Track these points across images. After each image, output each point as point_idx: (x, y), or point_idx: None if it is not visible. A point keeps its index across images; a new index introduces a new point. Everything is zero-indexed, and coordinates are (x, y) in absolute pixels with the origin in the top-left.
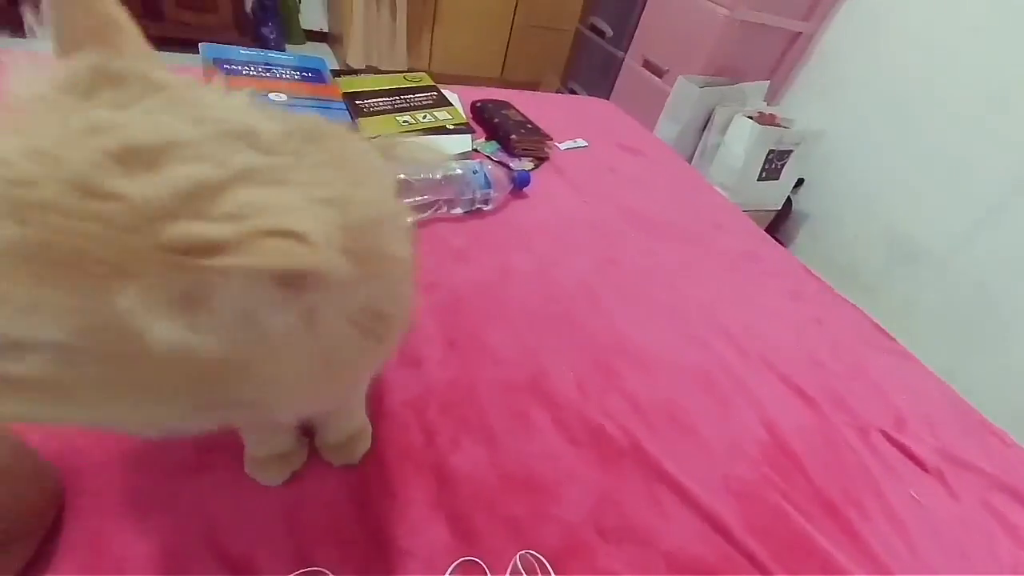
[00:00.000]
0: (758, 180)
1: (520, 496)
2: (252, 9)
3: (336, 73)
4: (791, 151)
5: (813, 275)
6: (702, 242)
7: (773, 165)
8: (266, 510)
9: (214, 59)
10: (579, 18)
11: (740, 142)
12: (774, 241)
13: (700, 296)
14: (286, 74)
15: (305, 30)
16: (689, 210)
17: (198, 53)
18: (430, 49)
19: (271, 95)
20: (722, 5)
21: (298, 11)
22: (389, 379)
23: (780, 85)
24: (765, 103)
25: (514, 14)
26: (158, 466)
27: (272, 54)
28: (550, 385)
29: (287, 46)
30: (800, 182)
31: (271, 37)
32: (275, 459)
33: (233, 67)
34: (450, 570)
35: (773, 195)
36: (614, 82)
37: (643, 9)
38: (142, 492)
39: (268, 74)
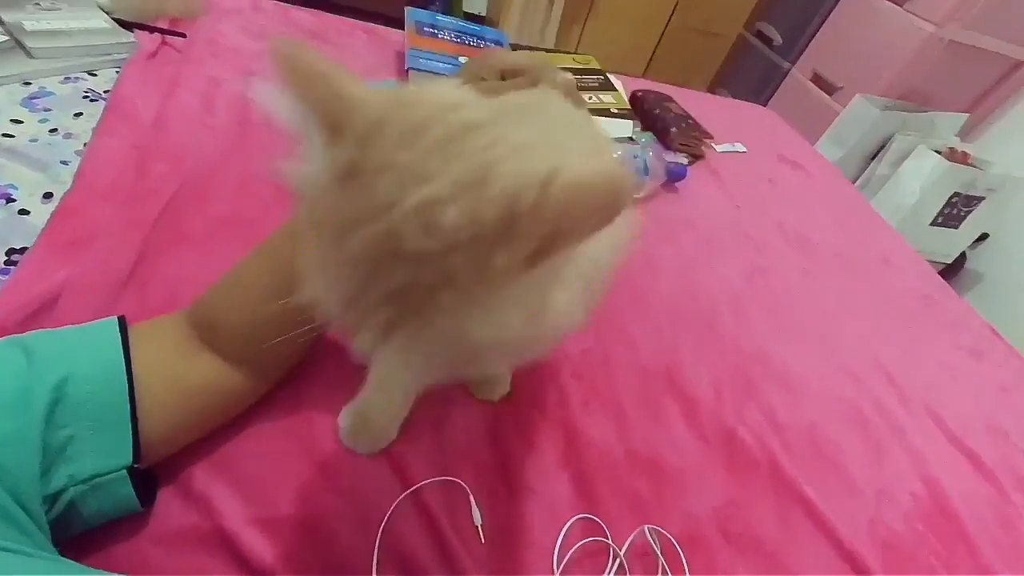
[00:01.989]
0: (931, 224)
1: (644, 476)
2: None
3: (513, 47)
4: (981, 198)
5: (1002, 338)
6: (865, 274)
7: (955, 211)
8: (417, 420)
9: (416, 21)
10: (744, 23)
11: (918, 177)
12: (953, 291)
13: (858, 329)
14: (473, 42)
15: (465, 12)
16: (853, 237)
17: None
18: (578, 40)
19: (461, 58)
20: (929, 20)
21: None
22: None
23: (980, 121)
24: (958, 138)
25: (672, 14)
26: (327, 359)
27: (462, 23)
28: (685, 380)
29: None
30: (983, 237)
31: (434, 12)
32: None
33: (432, 30)
34: (571, 521)
35: (946, 245)
36: (771, 93)
37: (825, 18)
38: (328, 376)
39: (459, 40)
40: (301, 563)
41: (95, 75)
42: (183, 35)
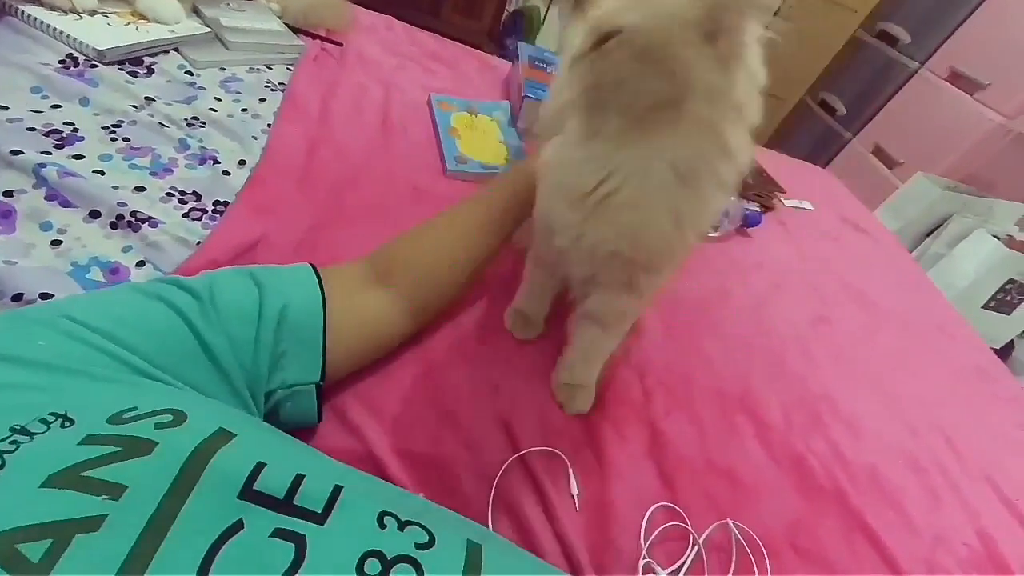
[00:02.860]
0: (982, 307)
1: (722, 482)
2: (504, 24)
3: None
4: None
5: None
6: (923, 339)
7: (1009, 297)
8: (523, 398)
9: (529, 56)
10: (808, 90)
11: (974, 260)
12: (1008, 369)
13: (916, 388)
14: None
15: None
16: (911, 303)
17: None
18: None
19: None
20: (999, 112)
21: (537, 33)
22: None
23: None
24: (1017, 228)
25: None
26: (457, 334)
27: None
28: (757, 405)
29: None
30: None
31: (512, 49)
32: (526, 321)
33: (542, 65)
34: (655, 506)
35: (995, 331)
36: (828, 159)
37: (890, 97)
38: (456, 348)
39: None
40: (433, 495)
41: (271, 69)
42: (340, 44)
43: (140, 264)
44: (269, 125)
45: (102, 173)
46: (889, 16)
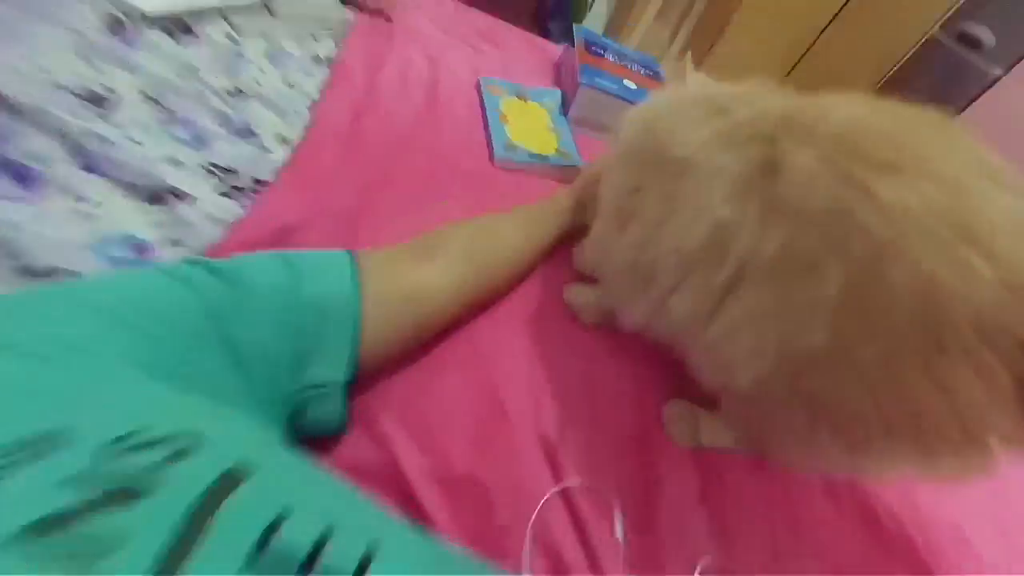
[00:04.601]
0: None
1: (780, 526)
2: (550, 5)
3: None
4: None
5: None
6: None
7: None
8: (570, 417)
9: (585, 39)
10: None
11: None
12: None
13: None
14: (634, 67)
15: None
16: None
17: None
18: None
19: (625, 81)
20: None
21: (584, 16)
22: None
23: None
24: None
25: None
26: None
27: (619, 47)
28: None
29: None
30: None
31: (555, 33)
32: None
33: (598, 50)
34: (706, 560)
35: None
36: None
37: (966, 106)
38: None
39: (621, 62)
40: (466, 522)
41: (317, 41)
42: (389, 19)
43: (172, 243)
44: (314, 101)
45: (140, 144)
46: (971, 15)
